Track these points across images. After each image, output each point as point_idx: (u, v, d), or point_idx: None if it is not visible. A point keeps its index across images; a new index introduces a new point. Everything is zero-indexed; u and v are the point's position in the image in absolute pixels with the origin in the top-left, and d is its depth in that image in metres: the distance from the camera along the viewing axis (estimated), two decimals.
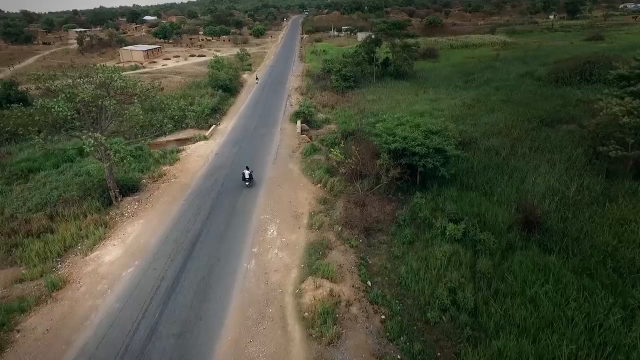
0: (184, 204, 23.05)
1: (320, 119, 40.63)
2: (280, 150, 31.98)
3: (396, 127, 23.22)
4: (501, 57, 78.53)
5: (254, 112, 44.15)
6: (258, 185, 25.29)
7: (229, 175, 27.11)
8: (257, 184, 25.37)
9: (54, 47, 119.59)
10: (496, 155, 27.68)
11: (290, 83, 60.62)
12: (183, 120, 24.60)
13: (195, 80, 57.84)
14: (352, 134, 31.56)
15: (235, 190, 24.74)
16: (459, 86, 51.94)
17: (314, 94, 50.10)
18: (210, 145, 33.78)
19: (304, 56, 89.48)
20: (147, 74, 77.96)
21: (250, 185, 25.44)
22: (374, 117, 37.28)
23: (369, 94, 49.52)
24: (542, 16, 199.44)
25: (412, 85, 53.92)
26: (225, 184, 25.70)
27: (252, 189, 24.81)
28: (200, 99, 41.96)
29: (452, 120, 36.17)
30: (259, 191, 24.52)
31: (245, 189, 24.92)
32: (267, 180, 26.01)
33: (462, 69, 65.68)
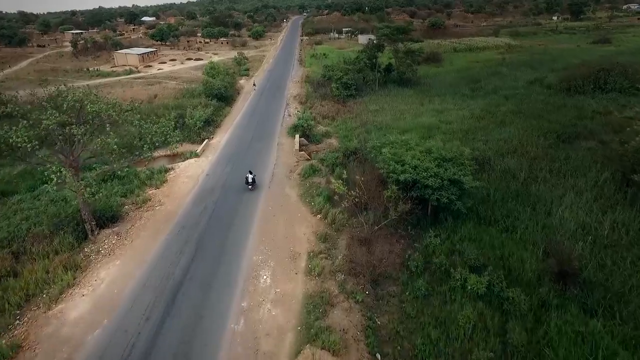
0: (168, 240, 20.52)
1: (320, 132, 38.11)
2: (277, 169, 29.46)
3: (405, 153, 20.66)
4: (507, 61, 76.10)
5: (250, 123, 41.64)
6: (252, 215, 22.77)
7: (219, 201, 24.59)
8: (251, 214, 22.84)
9: (48, 50, 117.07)
10: (514, 180, 25.17)
11: (289, 90, 58.09)
12: (166, 144, 21.83)
13: (189, 87, 55.34)
14: (355, 153, 29.03)
15: (226, 220, 22.23)
16: (465, 95, 49.39)
17: (314, 102, 47.57)
18: (201, 163, 31.25)
19: (304, 60, 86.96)
20: (142, 79, 75.48)
21: (253, 189, 25.99)
22: (377, 133, 34.95)
23: (371, 104, 46.99)
24: (545, 17, 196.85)
25: (416, 94, 51.38)
26: (216, 212, 23.18)
27: (245, 219, 22.32)
28: (192, 110, 39.41)
29: (461, 135, 33.84)
30: (252, 222, 22.00)
31: (237, 218, 22.43)
32: (261, 209, 23.48)
33: (468, 74, 63.14)
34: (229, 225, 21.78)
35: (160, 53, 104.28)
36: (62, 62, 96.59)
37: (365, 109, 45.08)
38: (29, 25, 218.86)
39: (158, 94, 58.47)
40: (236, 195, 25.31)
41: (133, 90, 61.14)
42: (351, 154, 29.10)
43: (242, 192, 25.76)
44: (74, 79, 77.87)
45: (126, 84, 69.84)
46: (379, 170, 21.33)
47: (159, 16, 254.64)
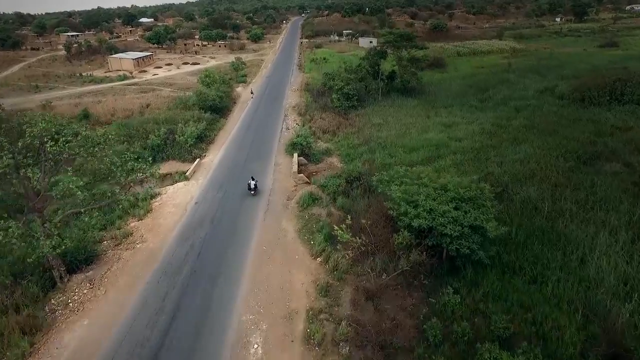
0: (146, 291, 17.94)
1: (320, 149, 35.54)
2: (273, 197, 26.87)
3: (418, 190, 18.05)
4: (513, 67, 73.41)
5: (245, 139, 39.05)
6: (244, 257, 20.19)
7: (207, 238, 22.00)
8: (243, 256, 20.25)
9: (42, 53, 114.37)
10: (536, 213, 22.59)
11: (288, 99, 55.52)
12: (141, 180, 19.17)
13: (183, 97, 52.72)
14: (358, 179, 26.43)
15: (214, 265, 19.66)
16: (474, 106, 46.81)
17: (313, 114, 45.00)
18: (190, 188, 28.65)
19: (303, 65, 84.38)
20: (135, 85, 72.93)
21: (255, 194, 26.87)
22: (382, 152, 32.37)
23: (374, 116, 44.41)
24: (548, 19, 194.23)
25: (421, 104, 48.81)
26: (203, 254, 20.58)
27: (235, 263, 19.76)
28: (183, 126, 36.82)
29: (473, 155, 31.30)
30: (244, 267, 19.43)
31: (226, 261, 19.87)
32: (255, 249, 20.90)
33: (474, 82, 60.58)
34: (216, 271, 19.19)
35: (156, 57, 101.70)
36: (55, 67, 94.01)
37: (368, 122, 42.50)
38: (25, 26, 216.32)
39: (151, 103, 55.91)
40: (227, 230, 22.74)
41: (125, 99, 58.58)
42: (354, 179, 26.49)
43: (233, 226, 23.20)
44: (65, 85, 75.30)
45: (119, 92, 67.26)
46: (388, 209, 18.71)
47: (157, 17, 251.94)
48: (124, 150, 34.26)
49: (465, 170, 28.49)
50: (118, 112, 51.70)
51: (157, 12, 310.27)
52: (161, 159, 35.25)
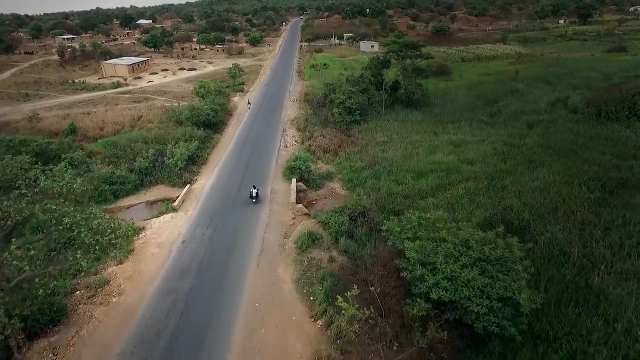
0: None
1: (321, 172, 32.94)
2: (269, 234, 24.24)
3: (435, 248, 15.42)
4: (521, 74, 70.88)
5: (240, 159, 36.44)
6: (233, 318, 17.57)
7: (193, 291, 19.37)
8: (232, 317, 17.62)
9: (36, 57, 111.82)
10: (564, 259, 19.97)
11: (286, 111, 52.91)
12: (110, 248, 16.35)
13: (177, 109, 50.01)
14: (364, 215, 23.79)
15: (199, 327, 17.06)
16: (483, 121, 44.21)
17: (313, 130, 42.35)
18: (178, 222, 26.03)
19: (303, 72, 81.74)
20: (129, 93, 70.30)
21: (257, 202, 27.74)
22: (388, 178, 29.70)
23: (378, 132, 41.80)
24: (551, 21, 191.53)
25: (427, 118, 46.20)
26: (187, 312, 17.97)
27: (223, 326, 17.16)
28: (173, 147, 34.19)
29: (487, 182, 28.67)
30: (232, 332, 16.82)
31: (213, 325, 17.25)
32: (246, 307, 18.27)
33: (481, 92, 57.98)
34: (201, 337, 16.58)
35: (152, 62, 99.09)
36: (48, 72, 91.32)
37: (371, 139, 39.89)
38: (21, 28, 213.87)
39: (143, 115, 53.35)
40: (215, 281, 20.12)
41: (116, 111, 55.95)
42: (359, 215, 23.86)
43: (222, 275, 20.58)
44: (56, 93, 72.65)
45: (111, 101, 64.65)
46: (400, 268, 16.07)
47: (155, 19, 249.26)
48: (109, 173, 31.97)
49: (480, 203, 25.91)
50: (108, 125, 49.10)
51: (155, 13, 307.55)
52: (149, 183, 32.70)
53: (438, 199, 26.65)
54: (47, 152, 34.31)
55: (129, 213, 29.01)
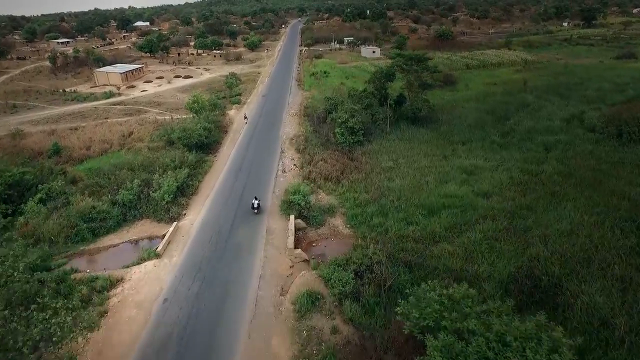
0: None
1: (322, 206, 30.01)
2: (264, 290, 21.33)
3: (465, 349, 12.47)
4: (529, 84, 68.01)
5: (234, 189, 33.49)
6: None
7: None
8: None
9: (28, 63, 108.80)
10: (608, 334, 17.05)
11: (285, 127, 49.94)
12: None
13: (168, 126, 47.11)
14: (370, 270, 20.83)
15: None
16: (495, 142, 41.27)
17: (314, 153, 39.42)
18: (161, 272, 23.10)
19: (303, 81, 78.81)
20: (121, 104, 67.37)
21: (259, 212, 28.76)
22: (396, 215, 26.77)
23: (383, 155, 38.90)
24: (555, 23, 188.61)
25: (435, 138, 43.29)
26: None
27: None
28: (160, 177, 31.23)
29: (507, 222, 25.82)
30: None
31: None
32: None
33: (490, 106, 55.09)
34: None
35: (147, 69, 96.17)
36: (39, 80, 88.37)
37: (376, 163, 37.00)
38: (17, 30, 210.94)
39: (133, 132, 50.44)
40: (200, 357, 17.17)
41: (105, 126, 52.99)
42: (366, 269, 20.91)
43: (208, 348, 17.65)
44: (46, 103, 69.66)
45: (102, 113, 61.74)
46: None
47: (153, 21, 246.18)
48: (88, 208, 29.03)
49: (501, 251, 23.01)
50: (95, 144, 46.27)
51: (153, 14, 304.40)
52: (133, 217, 29.83)
53: (453, 245, 23.73)
54: (23, 182, 31.35)
55: (109, 256, 26.11)
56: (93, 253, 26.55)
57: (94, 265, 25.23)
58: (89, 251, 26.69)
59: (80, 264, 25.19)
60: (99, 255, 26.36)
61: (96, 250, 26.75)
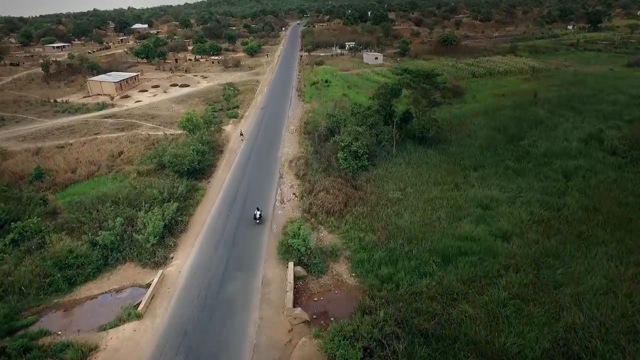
0: None
1: (324, 249, 27.13)
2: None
3: None
4: (540, 96, 65.18)
5: (228, 226, 30.59)
6: None
7: None
8: None
9: (21, 69, 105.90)
10: None
11: (284, 147, 47.08)
12: None
13: (160, 147, 44.27)
14: (382, 345, 17.91)
15: None
16: (510, 167, 38.31)
17: (315, 180, 36.53)
18: (140, 339, 20.23)
19: (303, 91, 75.86)
20: (113, 117, 64.47)
21: (260, 222, 30.01)
22: (407, 263, 23.84)
23: (389, 182, 35.99)
24: (559, 26, 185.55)
25: (444, 161, 40.34)
26: None
27: None
28: (146, 215, 28.31)
29: (532, 274, 22.91)
30: None
31: None
32: None
33: (500, 120, 52.41)
34: None
35: (143, 77, 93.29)
36: (31, 89, 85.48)
37: (382, 193, 34.10)
38: (13, 32, 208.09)
39: (124, 151, 47.56)
40: None
41: (94, 144, 50.07)
42: (377, 344, 17.98)
43: None
44: (35, 116, 66.76)
45: (92, 128, 58.87)
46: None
47: (152, 23, 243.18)
48: (65, 252, 26.11)
49: (531, 316, 20.10)
50: (82, 165, 43.40)
51: (153, 16, 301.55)
52: (115, 261, 26.99)
53: (474, 306, 20.83)
54: None
55: (85, 311, 23.30)
56: (68, 307, 23.72)
57: (67, 323, 22.37)
58: (64, 304, 23.87)
59: (52, 322, 22.43)
60: (75, 310, 23.55)
61: (72, 304, 23.92)
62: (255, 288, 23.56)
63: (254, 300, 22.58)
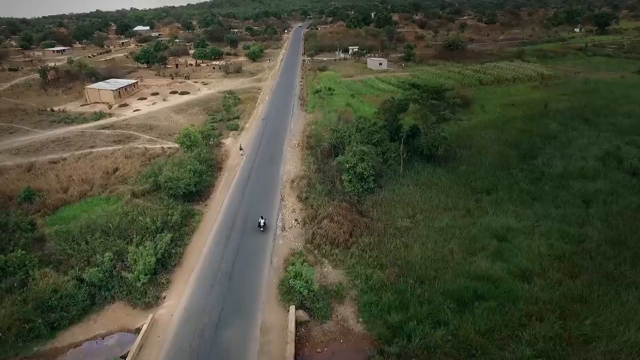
0: None
1: (328, 286, 25.13)
2: None
3: None
4: (550, 106, 62.99)
5: (225, 259, 28.57)
6: None
7: None
8: None
9: (20, 75, 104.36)
10: None
11: (286, 164, 45.09)
12: None
13: (156, 163, 42.39)
14: None
15: None
16: (525, 190, 36.15)
17: (318, 205, 34.47)
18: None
19: (306, 99, 73.81)
20: (110, 128, 62.58)
21: (265, 231, 30.97)
22: (420, 309, 21.73)
23: (397, 209, 33.86)
24: (566, 29, 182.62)
25: (455, 183, 38.26)
26: None
27: None
28: (137, 249, 26.30)
29: (558, 324, 20.71)
30: None
31: None
32: None
33: (510, 134, 50.54)
34: None
35: (142, 83, 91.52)
36: (28, 97, 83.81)
37: (390, 221, 32.02)
38: (15, 35, 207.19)
39: (119, 167, 45.69)
40: None
41: (89, 159, 48.17)
42: None
43: None
44: (30, 126, 64.93)
45: (88, 139, 57.06)
46: None
47: (154, 25, 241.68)
48: (49, 292, 24.18)
49: None
50: (74, 184, 41.54)
51: (155, 17, 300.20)
52: (103, 300, 25.05)
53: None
54: None
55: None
56: (49, 356, 21.74)
57: None
58: (44, 354, 21.90)
59: None
60: (62, 353, 21.59)
61: (52, 352, 21.97)
62: (253, 337, 21.55)
63: (252, 353, 20.55)
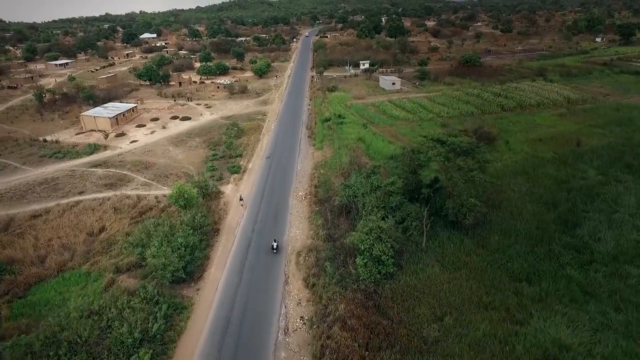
0: None
1: None
2: None
3: None
4: (584, 145, 57.10)
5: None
6: None
7: None
8: None
9: (19, 94, 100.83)
10: None
11: (291, 228, 39.99)
12: None
13: (146, 226, 37.56)
14: None
15: None
16: (574, 281, 30.39)
17: (328, 298, 29.32)
18: None
19: (314, 130, 68.58)
20: (103, 166, 58.00)
21: (277, 252, 34.84)
22: None
23: (422, 306, 28.50)
24: (587, 38, 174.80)
25: (486, 262, 32.72)
26: None
27: None
28: None
29: None
30: None
31: None
32: None
33: (543, 184, 45.03)
34: None
35: (142, 105, 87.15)
36: (23, 121, 79.85)
37: (414, 325, 26.72)
38: (21, 43, 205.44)
39: (106, 226, 41.27)
40: None
41: (75, 213, 43.59)
42: None
43: None
44: (18, 162, 60.55)
45: (78, 183, 52.57)
46: None
47: (160, 32, 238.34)
48: None
49: None
50: (54, 250, 37.06)
51: (162, 23, 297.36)
52: None
53: None
54: None
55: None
56: None
57: None
58: None
59: None
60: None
61: None
62: None
63: None
